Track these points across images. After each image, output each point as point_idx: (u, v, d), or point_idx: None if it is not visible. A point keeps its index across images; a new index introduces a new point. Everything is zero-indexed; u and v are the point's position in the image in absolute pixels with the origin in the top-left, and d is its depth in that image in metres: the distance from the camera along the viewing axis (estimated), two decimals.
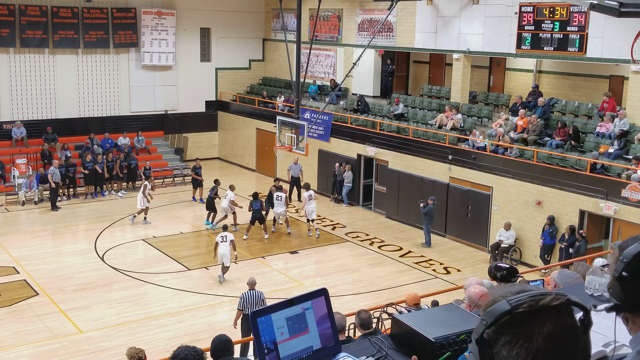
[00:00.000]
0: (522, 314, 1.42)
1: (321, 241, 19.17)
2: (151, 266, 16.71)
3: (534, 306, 1.42)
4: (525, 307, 1.42)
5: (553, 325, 1.42)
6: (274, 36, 28.87)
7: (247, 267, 16.78)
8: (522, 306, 1.42)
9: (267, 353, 2.27)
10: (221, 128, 28.99)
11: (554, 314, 1.43)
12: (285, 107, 25.11)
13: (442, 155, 19.47)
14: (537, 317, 1.42)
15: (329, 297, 2.45)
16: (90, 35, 25.43)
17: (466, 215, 18.94)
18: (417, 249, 18.50)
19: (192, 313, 14.06)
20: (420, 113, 21.96)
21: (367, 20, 24.26)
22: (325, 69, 26.43)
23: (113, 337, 12.81)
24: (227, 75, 28.96)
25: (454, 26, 20.97)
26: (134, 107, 27.00)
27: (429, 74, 25.06)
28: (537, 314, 1.42)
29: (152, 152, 26.53)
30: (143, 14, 26.27)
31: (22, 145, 24.31)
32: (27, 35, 24.27)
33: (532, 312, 1.42)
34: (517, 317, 1.42)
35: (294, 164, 22.42)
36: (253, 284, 11.97)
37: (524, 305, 1.42)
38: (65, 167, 22.53)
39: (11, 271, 16.13)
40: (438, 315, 3.08)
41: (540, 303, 1.42)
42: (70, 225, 20.04)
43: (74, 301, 14.51)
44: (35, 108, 25.09)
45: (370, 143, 21.86)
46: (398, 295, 13.78)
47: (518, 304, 1.42)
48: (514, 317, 1.42)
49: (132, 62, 26.64)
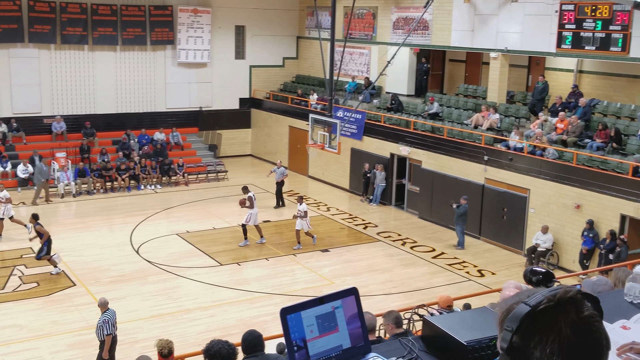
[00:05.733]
0: (544, 311, 1.43)
1: (352, 240, 19.13)
2: (184, 260, 16.89)
3: (552, 300, 1.44)
4: (544, 303, 1.44)
5: (575, 315, 1.43)
6: (308, 34, 28.89)
7: (278, 264, 16.85)
8: (541, 304, 1.44)
9: (296, 350, 2.26)
10: (254, 125, 29.14)
11: (572, 305, 1.45)
12: (319, 105, 25.12)
13: (477, 155, 19.25)
14: (559, 311, 1.43)
15: (359, 296, 2.43)
16: (128, 32, 25.80)
17: (502, 217, 18.69)
18: (450, 251, 18.33)
19: (223, 308, 14.17)
20: (456, 112, 21.75)
21: (402, 18, 24.11)
22: (359, 67, 26.35)
23: (146, 329, 12.98)
24: (261, 72, 29.09)
25: (491, 24, 20.70)
26: (170, 104, 27.32)
27: (465, 73, 24.79)
28: (558, 307, 1.44)
29: (187, 148, 26.81)
30: (179, 12, 26.55)
31: (62, 139, 24.80)
32: (67, 32, 24.73)
33: (552, 307, 1.44)
34: (540, 315, 1.43)
35: (277, 168, 21.98)
36: (106, 304, 11.01)
37: (543, 302, 1.44)
38: (102, 170, 22.99)
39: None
40: (470, 318, 3.03)
41: (557, 297, 1.44)
42: (107, 218, 20.37)
43: (109, 292, 14.70)
44: (75, 103, 25.56)
45: (404, 142, 21.73)
46: (430, 297, 13.68)
47: (537, 303, 1.44)
48: (536, 316, 1.43)
49: (168, 59, 26.95)
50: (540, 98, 19.87)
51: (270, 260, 17.05)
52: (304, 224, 17.80)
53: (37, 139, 24.55)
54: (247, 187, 18.54)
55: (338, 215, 21.37)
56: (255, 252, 17.67)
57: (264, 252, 17.68)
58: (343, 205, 22.58)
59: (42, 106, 24.97)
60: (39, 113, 24.94)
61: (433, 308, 8.86)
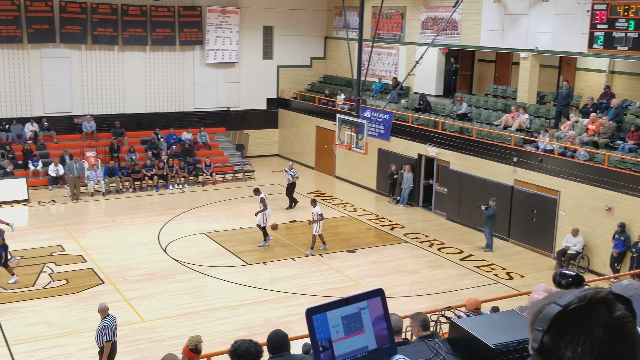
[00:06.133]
0: (575, 310, 1.42)
1: (379, 241, 19.06)
2: (211, 259, 16.98)
3: (584, 300, 1.43)
4: (575, 303, 1.43)
5: (607, 315, 1.42)
6: (336, 34, 28.88)
7: (305, 264, 16.86)
8: (572, 303, 1.43)
9: (322, 351, 2.25)
10: (281, 125, 29.21)
11: (604, 305, 1.43)
12: (346, 105, 25.09)
13: (506, 156, 19.03)
14: (590, 311, 1.42)
15: (385, 297, 2.41)
16: (158, 32, 26.06)
17: (531, 219, 18.46)
18: (478, 253, 18.16)
19: (249, 307, 14.21)
20: (485, 113, 21.54)
21: (431, 18, 23.95)
22: (387, 67, 26.26)
23: (173, 328, 13.08)
24: (288, 72, 29.16)
25: (521, 24, 20.46)
26: (198, 104, 27.53)
27: (494, 73, 24.55)
28: (589, 307, 1.43)
29: (214, 148, 26.98)
30: (208, 12, 26.73)
31: (92, 138, 25.14)
32: (98, 33, 25.06)
33: (583, 307, 1.43)
34: (571, 315, 1.43)
35: (288, 169, 21.93)
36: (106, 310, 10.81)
37: (574, 302, 1.43)
38: (131, 171, 23.29)
39: (79, 259, 16.70)
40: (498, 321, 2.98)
41: (589, 297, 1.43)
42: (135, 217, 20.59)
43: (137, 291, 14.90)
44: (105, 103, 25.90)
45: (432, 143, 21.58)
46: (457, 299, 13.56)
47: (568, 303, 1.43)
48: (567, 316, 1.42)
49: (197, 60, 27.16)
50: (566, 103, 19.58)
51: (297, 260, 17.06)
52: (318, 227, 17.41)
53: (68, 138, 24.92)
54: (258, 189, 18.38)
55: (365, 216, 21.32)
56: (281, 252, 17.69)
57: (290, 252, 17.69)
58: (370, 206, 22.51)
59: (73, 106, 25.34)
60: (70, 112, 25.32)
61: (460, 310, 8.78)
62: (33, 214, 20.85)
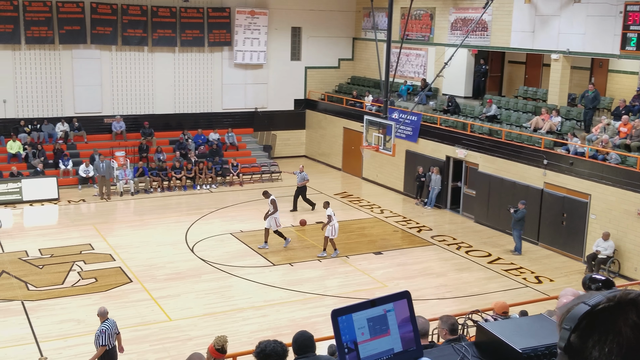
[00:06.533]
0: (603, 310, 1.42)
1: (406, 243, 18.96)
2: (238, 260, 17.06)
3: (612, 300, 1.42)
4: (604, 303, 1.42)
5: (636, 317, 1.40)
6: (364, 35, 28.82)
7: (331, 266, 16.83)
8: (601, 303, 1.42)
9: (347, 352, 2.24)
10: (309, 126, 29.24)
11: (633, 307, 1.42)
12: (374, 107, 25.02)
13: (536, 159, 18.79)
14: (619, 311, 1.41)
15: (411, 300, 2.38)
16: (187, 34, 26.28)
17: (561, 223, 18.19)
18: (507, 256, 17.95)
19: (275, 308, 14.24)
20: (515, 115, 21.30)
21: (460, 19, 23.77)
22: (416, 69, 26.12)
23: (200, 327, 13.16)
24: (316, 74, 29.18)
25: (553, 25, 20.19)
26: (226, 104, 27.69)
27: (524, 75, 24.28)
28: (617, 308, 1.41)
29: (241, 149, 27.11)
30: (237, 14, 26.88)
31: (121, 138, 25.44)
32: (128, 34, 25.36)
33: (612, 307, 1.42)
34: (599, 314, 1.42)
35: (298, 172, 21.81)
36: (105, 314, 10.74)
37: (602, 302, 1.42)
38: (158, 170, 23.51)
39: (108, 258, 16.91)
40: (526, 325, 2.93)
41: (617, 297, 1.42)
42: (163, 216, 20.78)
43: (164, 290, 15.03)
44: (134, 103, 26.20)
45: (460, 145, 21.40)
46: (485, 302, 13.42)
47: (597, 303, 1.43)
48: (596, 315, 1.42)
49: (225, 61, 27.32)
50: (592, 107, 19.25)
51: (323, 261, 17.05)
52: (332, 230, 17.10)
53: (98, 138, 25.26)
54: (267, 192, 18.22)
55: (392, 217, 21.22)
56: (307, 253, 17.70)
57: (317, 253, 17.67)
58: (397, 207, 22.41)
59: (103, 106, 25.68)
60: (100, 113, 25.67)
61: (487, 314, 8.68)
62: (63, 212, 21.17)
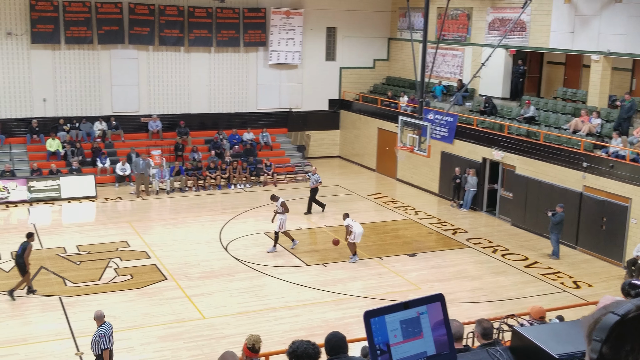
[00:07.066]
0: (634, 319, 1.41)
1: (441, 245, 18.77)
2: (271, 259, 17.10)
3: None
4: (634, 312, 1.40)
5: None
6: (400, 35, 28.65)
7: (365, 267, 16.76)
8: (630, 312, 1.40)
9: (379, 354, 2.21)
10: (343, 127, 29.18)
11: None
12: (409, 107, 24.85)
13: (575, 162, 18.42)
14: None
15: (445, 303, 2.33)
16: (223, 34, 26.48)
17: (600, 227, 17.80)
18: (544, 260, 17.63)
19: (308, 308, 14.22)
20: (553, 117, 20.92)
21: (498, 19, 23.46)
22: (452, 69, 25.87)
23: (233, 325, 13.22)
24: (351, 74, 29.11)
25: (593, 25, 19.78)
26: (260, 104, 27.81)
27: (564, 76, 23.83)
28: None
29: (275, 149, 27.19)
30: (272, 14, 26.97)
31: (158, 137, 25.75)
32: (165, 34, 25.67)
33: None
34: (630, 323, 1.40)
35: (311, 174, 21.63)
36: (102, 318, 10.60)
37: (632, 310, 1.40)
38: (194, 170, 23.70)
39: (143, 255, 17.11)
40: (563, 330, 2.85)
41: None
42: (198, 215, 20.95)
43: (198, 288, 15.14)
44: (170, 103, 26.49)
45: (497, 147, 21.11)
46: (521, 307, 13.22)
47: (626, 312, 1.40)
48: (626, 325, 1.40)
49: (260, 61, 27.45)
50: (627, 117, 18.69)
51: (357, 262, 16.98)
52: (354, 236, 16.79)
53: (134, 137, 25.61)
54: (274, 195, 18.00)
55: (426, 219, 21.04)
56: (341, 254, 17.64)
57: (350, 254, 17.60)
58: (432, 209, 22.21)
59: (140, 105, 26.03)
60: (137, 112, 26.02)
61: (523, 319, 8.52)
62: (100, 210, 21.51)
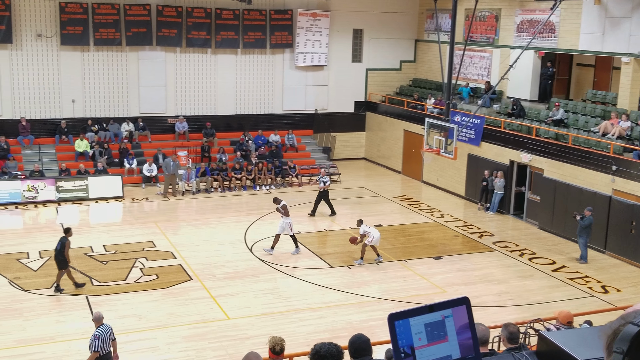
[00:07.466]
0: None
1: (467, 249, 18.60)
2: (295, 261, 17.10)
3: None
4: None
5: None
6: (427, 37, 28.49)
7: (390, 270, 16.67)
8: None
9: (404, 357, 2.19)
10: (369, 128, 29.11)
11: None
12: (435, 109, 24.68)
13: (604, 165, 18.12)
14: None
15: (470, 306, 2.29)
16: (249, 36, 26.60)
17: (630, 231, 17.49)
18: (572, 264, 17.37)
19: (332, 310, 14.19)
20: (582, 119, 20.61)
21: (527, 21, 23.20)
22: (479, 71, 25.64)
23: (257, 326, 13.23)
24: (377, 76, 29.03)
25: (623, 27, 19.45)
26: (286, 106, 27.87)
27: (593, 78, 23.48)
28: None
29: (301, 150, 27.22)
30: (299, 16, 27.02)
31: (184, 138, 25.95)
32: (192, 36, 25.86)
33: None
34: None
35: (321, 177, 21.46)
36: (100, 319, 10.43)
37: None
38: (219, 171, 23.84)
39: (169, 256, 17.23)
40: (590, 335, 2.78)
41: None
42: (223, 216, 21.05)
43: (223, 288, 15.20)
44: (197, 104, 26.68)
45: (525, 149, 20.86)
46: (548, 311, 13.04)
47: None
48: None
49: (286, 62, 27.51)
50: None
51: (381, 265, 16.91)
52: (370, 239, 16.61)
53: (161, 138, 25.85)
54: (277, 198, 17.90)
55: (452, 222, 20.87)
56: (365, 256, 17.56)
57: (375, 256, 17.53)
58: (458, 212, 22.03)
59: (167, 106, 26.26)
60: (164, 113, 26.25)
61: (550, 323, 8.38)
62: (127, 210, 21.73)
